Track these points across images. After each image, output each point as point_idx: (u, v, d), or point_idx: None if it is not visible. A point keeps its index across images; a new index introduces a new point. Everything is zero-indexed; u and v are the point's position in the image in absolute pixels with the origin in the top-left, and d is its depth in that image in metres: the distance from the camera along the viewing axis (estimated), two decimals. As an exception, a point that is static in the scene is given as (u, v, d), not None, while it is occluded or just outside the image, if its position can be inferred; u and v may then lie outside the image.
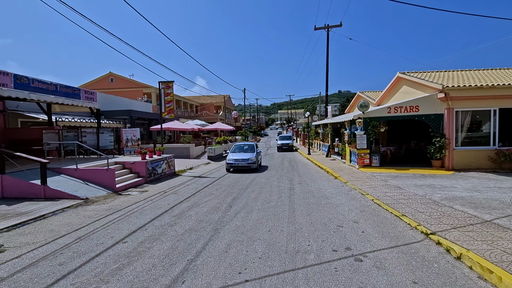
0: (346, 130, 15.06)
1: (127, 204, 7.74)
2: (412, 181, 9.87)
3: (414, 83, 14.12)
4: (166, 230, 5.47)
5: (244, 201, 7.77)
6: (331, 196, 8.16)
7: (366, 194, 8.05)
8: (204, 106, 63.05)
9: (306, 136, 34.72)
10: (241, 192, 9.04)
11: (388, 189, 8.60)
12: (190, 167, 15.92)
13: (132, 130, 13.59)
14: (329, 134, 20.17)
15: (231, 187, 10.12)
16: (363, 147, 13.10)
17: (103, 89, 39.56)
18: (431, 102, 12.19)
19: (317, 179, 11.28)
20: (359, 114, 13.29)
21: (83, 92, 12.94)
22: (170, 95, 13.85)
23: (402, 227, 5.34)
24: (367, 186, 9.30)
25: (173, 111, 13.93)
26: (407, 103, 12.52)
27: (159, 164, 12.29)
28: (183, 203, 7.68)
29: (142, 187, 10.24)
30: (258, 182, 11.04)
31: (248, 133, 45.43)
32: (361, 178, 10.75)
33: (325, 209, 6.74)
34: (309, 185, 10.00)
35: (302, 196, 8.20)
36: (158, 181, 11.66)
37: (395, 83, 16.16)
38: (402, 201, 7.07)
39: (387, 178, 10.50)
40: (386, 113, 12.79)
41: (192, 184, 10.91)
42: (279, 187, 9.74)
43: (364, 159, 13.09)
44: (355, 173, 12.06)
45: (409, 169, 12.20)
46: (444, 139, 11.77)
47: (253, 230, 5.35)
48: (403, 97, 15.15)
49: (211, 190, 9.62)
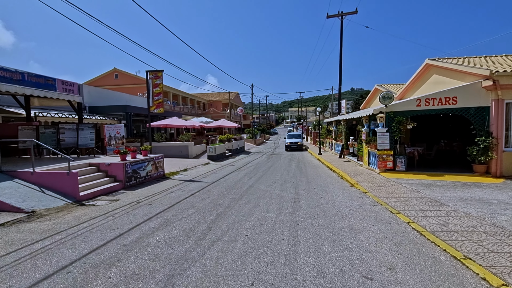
0: (364, 128, 12.84)
1: (79, 220, 5.95)
2: (454, 192, 7.63)
3: (448, 70, 11.72)
4: (95, 277, 3.58)
5: (231, 220, 5.81)
6: (349, 214, 6.08)
7: (396, 213, 5.93)
8: (211, 103, 61.53)
9: (316, 135, 32.42)
10: (232, 205, 7.09)
11: (425, 205, 6.44)
12: (184, 168, 14.13)
13: (116, 126, 11.89)
14: (342, 132, 17.92)
15: (222, 196, 8.19)
16: (386, 148, 10.88)
17: (108, 86, 38.58)
18: (473, 92, 9.82)
19: (329, 187, 9.19)
20: (380, 107, 11.06)
21: (60, 82, 11.32)
22: (159, 87, 12.05)
23: (473, 284, 3.24)
24: (394, 199, 7.15)
25: (163, 105, 12.14)
26: (441, 93, 10.19)
27: (143, 166, 10.51)
28: (151, 221, 5.81)
29: (114, 195, 8.47)
30: (256, 189, 9.07)
31: (256, 131, 43.47)
32: (385, 187, 8.59)
33: (341, 238, 4.69)
34: (319, 196, 7.94)
35: (309, 214, 6.16)
36: (140, 186, 9.88)
37: (422, 72, 13.76)
38: (453, 227, 4.92)
39: (419, 188, 8.29)
40: (415, 107, 10.51)
41: (178, 191, 9.06)
42: (281, 198, 7.73)
43: (387, 162, 10.87)
44: (376, 179, 9.88)
45: (444, 175, 9.90)
46: (491, 139, 9.41)
47: (228, 281, 3.39)
48: (432, 88, 12.76)
49: (196, 200, 7.72)
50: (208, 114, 54.75)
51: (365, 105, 24.38)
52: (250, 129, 42.11)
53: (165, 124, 19.89)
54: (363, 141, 12.97)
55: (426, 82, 13.58)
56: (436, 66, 12.55)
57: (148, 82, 12.04)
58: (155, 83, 12.03)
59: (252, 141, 37.81)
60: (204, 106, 62.14)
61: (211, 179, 11.24)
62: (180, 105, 47.83)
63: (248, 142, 38.28)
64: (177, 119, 21.71)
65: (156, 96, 12.06)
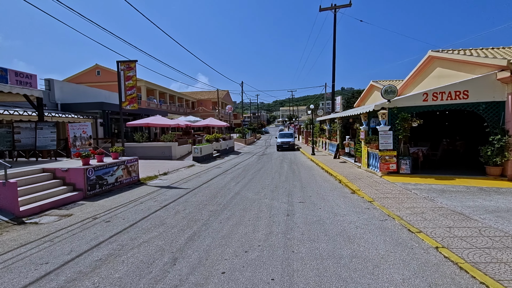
0: (363, 126, 11.67)
1: (1, 249, 4.46)
2: (474, 200, 6.49)
3: (454, 62, 10.67)
4: None
5: (205, 245, 4.45)
6: (357, 234, 4.80)
7: (416, 232, 4.69)
8: (200, 101, 59.76)
9: (309, 134, 31.28)
10: (211, 220, 5.73)
11: (447, 219, 5.23)
12: (164, 172, 12.64)
13: (82, 125, 10.31)
14: (337, 131, 16.77)
15: (201, 207, 6.81)
16: (389, 148, 9.71)
17: (90, 83, 36.45)
18: (486, 85, 8.75)
19: (327, 194, 7.93)
20: (382, 103, 9.89)
21: (13, 74, 9.66)
22: (133, 80, 10.53)
23: None
24: (407, 210, 5.94)
25: (136, 100, 10.62)
26: (451, 87, 9.08)
27: (111, 171, 9.00)
28: (98, 250, 4.38)
29: (69, 208, 6.95)
30: (243, 197, 7.72)
31: (247, 131, 42.09)
32: (392, 194, 7.39)
33: (354, 277, 3.39)
34: (317, 206, 6.65)
35: (306, 234, 4.85)
36: (106, 195, 8.37)
37: (424, 65, 12.70)
38: (499, 256, 3.70)
39: (432, 195, 7.13)
40: (421, 102, 9.37)
41: (149, 201, 7.62)
42: (271, 210, 6.40)
43: (390, 164, 9.71)
44: (379, 184, 8.69)
45: (455, 179, 8.81)
46: (507, 137, 8.35)
47: None
48: (436, 82, 11.71)
49: (168, 214, 6.31)
50: (197, 113, 53.01)
51: (359, 102, 23.38)
52: (240, 128, 40.68)
53: (146, 123, 18.28)
54: (362, 141, 11.81)
55: (429, 76, 12.53)
56: (440, 58, 11.49)
57: (120, 74, 10.50)
58: (127, 75, 10.51)
59: (242, 141, 36.42)
60: (193, 105, 60.30)
61: (192, 185, 9.82)
62: (167, 104, 45.98)
63: (238, 141, 36.86)
64: (160, 117, 20.11)
65: (129, 90, 10.54)
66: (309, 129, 31.38)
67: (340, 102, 20.05)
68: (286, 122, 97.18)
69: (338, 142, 16.40)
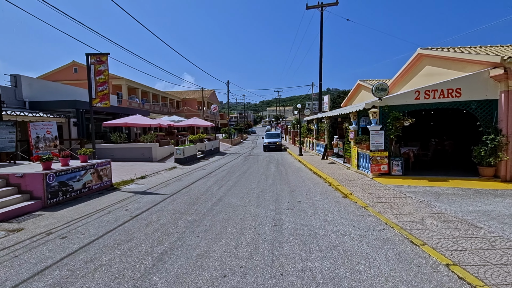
0: (352, 125, 11.22)
1: None
2: (472, 204, 6.07)
3: (444, 60, 10.39)
4: None
5: (176, 268, 3.69)
6: (354, 248, 4.19)
7: (421, 245, 4.13)
8: (185, 101, 58.33)
9: (296, 134, 30.88)
10: (187, 234, 4.96)
11: (451, 227, 4.73)
12: (142, 175, 11.68)
13: (45, 124, 9.23)
14: (325, 131, 16.33)
15: (178, 216, 6.01)
16: (380, 148, 9.26)
17: (66, 81, 34.45)
18: (478, 83, 8.46)
19: (317, 198, 7.33)
20: (373, 101, 9.43)
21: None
22: (104, 74, 9.54)
23: None
24: (405, 217, 5.41)
25: (108, 97, 9.64)
26: (443, 85, 8.74)
27: (77, 176, 8.01)
28: (40, 278, 3.53)
29: (22, 220, 5.97)
30: (226, 204, 6.99)
31: (233, 131, 41.25)
32: (386, 198, 6.88)
33: (357, 309, 2.75)
34: (307, 213, 6.02)
35: (297, 250, 4.19)
36: (70, 203, 7.40)
37: (413, 63, 12.43)
38: (521, 275, 3.18)
39: (428, 198, 6.67)
40: (413, 100, 8.98)
41: (119, 209, 6.73)
42: (257, 219, 5.71)
43: (381, 165, 9.26)
44: (371, 186, 8.20)
45: (448, 180, 8.45)
46: (501, 137, 8.07)
47: None
48: (425, 81, 11.43)
49: (138, 226, 5.48)
50: (181, 113, 51.61)
51: (346, 102, 23.15)
52: (227, 128, 39.80)
53: (124, 123, 17.13)
54: (351, 141, 11.35)
55: (418, 74, 12.26)
56: (429, 56, 11.21)
57: (89, 68, 9.49)
58: (98, 70, 9.52)
59: (228, 141, 35.58)
60: (178, 104, 58.73)
61: (171, 190, 8.98)
62: (150, 103, 44.39)
63: (224, 142, 35.98)
64: (140, 117, 18.98)
65: (100, 86, 9.55)
66: (296, 129, 30.99)
67: (328, 101, 19.68)
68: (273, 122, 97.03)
69: (326, 142, 15.95)
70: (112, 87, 36.77)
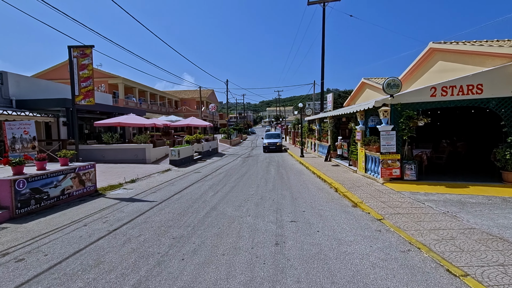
0: (359, 125, 10.36)
1: None
2: (506, 216, 5.22)
3: (459, 54, 9.54)
4: None
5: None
6: (376, 280, 3.32)
7: (462, 276, 3.26)
8: (184, 101, 57.50)
9: (297, 134, 30.02)
10: (169, 256, 4.10)
11: (492, 250, 3.87)
12: (132, 179, 10.81)
13: (23, 123, 8.38)
14: (328, 131, 15.47)
15: (162, 231, 5.16)
16: (391, 151, 8.41)
17: (61, 79, 33.59)
18: (502, 78, 7.61)
19: (323, 208, 6.47)
20: (384, 98, 8.58)
21: None
22: (88, 69, 8.68)
23: None
24: (431, 234, 4.56)
25: (93, 94, 8.78)
26: (463, 80, 7.88)
27: (54, 181, 7.15)
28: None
29: (-20, 236, 5.11)
30: (220, 214, 6.13)
31: (232, 131, 40.41)
32: (403, 208, 6.03)
33: None
34: (313, 228, 5.17)
35: (304, 282, 3.32)
36: (45, 213, 6.53)
37: (424, 59, 11.58)
38: None
39: (451, 209, 5.82)
40: (429, 97, 8.13)
41: (97, 221, 5.87)
42: (255, 236, 4.85)
43: (393, 169, 8.40)
44: (383, 193, 7.34)
45: (468, 186, 7.60)
46: (528, 138, 7.21)
47: None
48: (438, 77, 10.58)
49: (112, 244, 4.62)
50: (180, 113, 50.73)
51: (349, 101, 22.28)
52: (226, 128, 38.93)
53: (117, 122, 16.27)
54: (358, 142, 10.50)
55: (429, 70, 11.41)
56: (443, 50, 10.37)
57: (72, 62, 8.63)
58: (81, 64, 8.66)
59: (227, 142, 34.73)
60: (177, 104, 57.87)
61: (161, 196, 8.12)
62: (148, 103, 43.53)
63: (223, 142, 35.14)
64: (134, 116, 18.12)
65: (83, 82, 8.69)
66: (297, 129, 30.13)
67: (332, 100, 18.80)
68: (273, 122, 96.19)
69: (329, 144, 15.09)
70: (108, 86, 35.95)
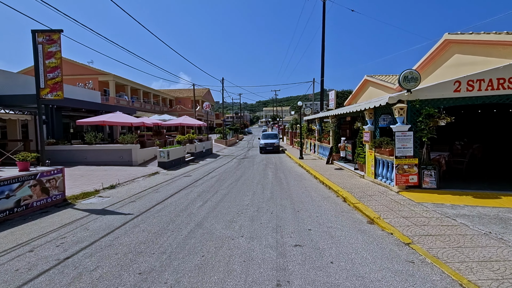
0: (367, 125, 9.24)
1: None
2: None
3: (480, 45, 8.48)
4: None
5: None
6: None
7: None
8: (179, 99, 56.10)
9: (294, 134, 28.89)
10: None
11: None
12: (111, 185, 9.56)
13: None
14: (330, 132, 14.35)
15: (129, 261, 3.95)
16: (408, 154, 7.28)
17: (49, 76, 32.04)
18: (539, 70, 6.52)
19: (333, 225, 5.31)
20: (399, 94, 7.46)
21: None
22: (56, 57, 7.41)
23: None
24: (484, 269, 3.42)
25: (62, 87, 7.51)
26: (492, 73, 6.77)
27: (6, 191, 5.88)
28: None
29: None
30: (206, 234, 4.94)
31: (228, 131, 39.17)
32: (431, 225, 4.89)
33: None
34: (324, 256, 4.00)
35: None
36: (-11, 231, 5.27)
37: (437, 52, 10.52)
38: None
39: (492, 228, 4.69)
40: (452, 93, 7.01)
41: (51, 244, 4.64)
42: (249, 269, 3.67)
43: (409, 176, 7.28)
44: (401, 204, 6.20)
45: (500, 197, 6.51)
46: None
47: None
48: (453, 72, 9.51)
49: (57, 283, 3.40)
50: (174, 112, 49.28)
51: (350, 100, 21.22)
52: (221, 128, 37.68)
53: (101, 121, 14.96)
54: (366, 144, 9.37)
55: (443, 65, 10.34)
56: (461, 41, 9.29)
57: (37, 49, 7.36)
58: (48, 51, 7.39)
59: (223, 142, 33.48)
60: (171, 103, 56.42)
61: (139, 207, 6.90)
62: (141, 101, 42.08)
63: (218, 143, 33.89)
64: (121, 114, 16.81)
65: (50, 73, 7.42)
66: (295, 129, 29.00)
67: (334, 98, 17.67)
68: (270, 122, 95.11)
69: (331, 145, 13.96)
70: (98, 84, 34.47)
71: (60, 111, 17.21)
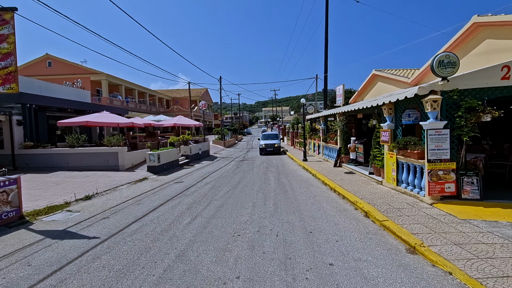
0: (386, 123, 7.87)
1: None
2: None
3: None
4: None
5: None
6: None
7: None
8: (176, 100, 54.70)
9: (296, 134, 27.50)
10: None
11: None
12: (87, 195, 8.15)
13: None
14: (338, 131, 12.96)
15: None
16: (444, 157, 5.90)
17: (39, 76, 30.67)
18: None
19: (362, 257, 3.92)
20: (432, 84, 6.08)
21: None
22: (9, 42, 6.01)
23: None
24: None
25: (16, 79, 6.11)
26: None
27: None
28: None
29: None
30: (190, 271, 3.55)
31: (226, 132, 37.77)
32: (500, 261, 3.51)
33: None
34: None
35: None
36: None
37: (463, 38, 9.15)
38: None
39: None
40: (499, 81, 5.65)
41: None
42: None
43: (445, 183, 5.90)
44: (442, 223, 4.82)
45: None
46: None
47: None
48: (484, 60, 8.17)
49: None
50: (171, 112, 47.83)
51: (356, 98, 19.81)
52: (219, 129, 36.29)
53: (85, 121, 13.55)
54: (385, 144, 8.00)
55: (471, 53, 8.97)
56: (494, 24, 7.95)
57: (-15, 31, 5.95)
58: (-2, 34, 5.98)
59: (221, 143, 32.09)
60: (168, 103, 54.99)
61: (111, 227, 5.50)
62: (136, 101, 40.65)
63: (216, 144, 32.52)
64: (107, 114, 15.40)
65: (1, 61, 6.02)
66: (296, 129, 27.62)
67: (343, 93, 16.28)
68: (269, 122, 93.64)
69: (340, 146, 12.57)
70: (90, 83, 33.04)
71: (44, 112, 15.82)
